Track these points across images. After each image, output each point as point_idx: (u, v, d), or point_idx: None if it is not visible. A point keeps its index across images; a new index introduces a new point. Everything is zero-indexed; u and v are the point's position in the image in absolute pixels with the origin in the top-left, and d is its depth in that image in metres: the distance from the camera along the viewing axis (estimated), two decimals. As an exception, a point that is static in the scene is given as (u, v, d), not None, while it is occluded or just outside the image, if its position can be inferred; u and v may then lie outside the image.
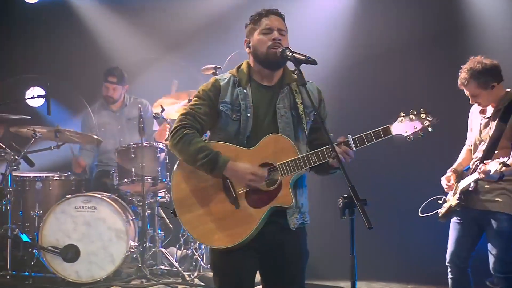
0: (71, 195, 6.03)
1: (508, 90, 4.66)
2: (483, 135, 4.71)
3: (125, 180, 6.33)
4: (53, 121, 6.84)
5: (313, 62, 3.29)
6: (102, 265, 5.88)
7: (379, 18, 7.42)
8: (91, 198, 6.01)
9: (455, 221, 4.78)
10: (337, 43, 7.47)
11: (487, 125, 4.70)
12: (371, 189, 7.48)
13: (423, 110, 3.44)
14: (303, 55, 3.30)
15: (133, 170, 6.27)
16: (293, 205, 3.34)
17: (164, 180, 6.39)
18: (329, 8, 7.68)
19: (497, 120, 4.61)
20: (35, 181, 6.38)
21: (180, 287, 5.77)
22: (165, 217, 6.25)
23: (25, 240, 6.10)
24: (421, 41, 7.24)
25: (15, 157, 6.21)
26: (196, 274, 6.00)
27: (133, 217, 6.20)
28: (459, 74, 4.69)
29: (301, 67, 3.30)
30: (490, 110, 4.71)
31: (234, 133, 3.36)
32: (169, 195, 6.49)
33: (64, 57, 7.88)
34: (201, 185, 3.32)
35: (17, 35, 7.94)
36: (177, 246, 6.47)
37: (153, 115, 6.42)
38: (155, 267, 6.27)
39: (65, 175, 6.59)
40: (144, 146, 6.25)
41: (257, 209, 3.29)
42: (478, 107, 4.83)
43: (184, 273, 6.06)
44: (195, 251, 6.16)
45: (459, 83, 4.69)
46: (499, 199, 4.55)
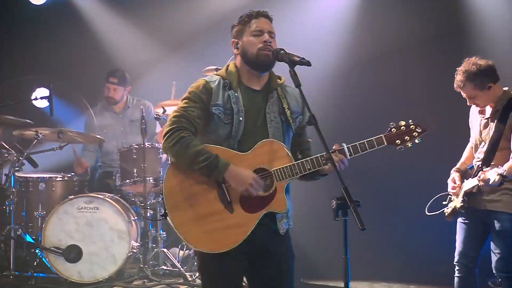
0: (73, 196, 6.07)
1: (505, 89, 4.65)
2: (483, 135, 4.72)
3: (127, 181, 6.37)
4: (60, 120, 6.90)
5: (308, 63, 3.30)
6: (104, 266, 5.91)
7: (381, 19, 7.43)
8: (93, 198, 6.03)
9: (461, 221, 4.79)
10: (338, 44, 7.48)
11: (486, 126, 4.71)
12: (374, 189, 7.52)
13: (411, 121, 3.50)
14: (298, 56, 3.31)
15: (135, 171, 6.32)
16: (287, 211, 3.40)
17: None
18: (331, 9, 7.69)
19: (496, 121, 4.60)
20: (38, 182, 6.41)
21: (181, 287, 5.78)
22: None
23: (28, 240, 6.14)
24: (422, 41, 7.24)
25: (19, 158, 6.26)
26: (198, 274, 6.02)
27: (135, 218, 6.23)
28: (455, 76, 4.69)
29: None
30: (489, 110, 4.71)
31: (225, 136, 3.35)
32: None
33: (67, 58, 7.93)
34: (195, 189, 3.29)
35: (21, 36, 7.99)
36: (179, 246, 6.48)
37: (155, 117, 6.45)
38: (157, 267, 6.28)
39: (69, 176, 6.62)
40: (146, 147, 6.29)
41: (251, 214, 3.30)
42: (477, 108, 4.83)
43: (186, 273, 6.07)
44: (197, 252, 6.17)
45: (455, 86, 4.69)
46: (502, 198, 4.55)
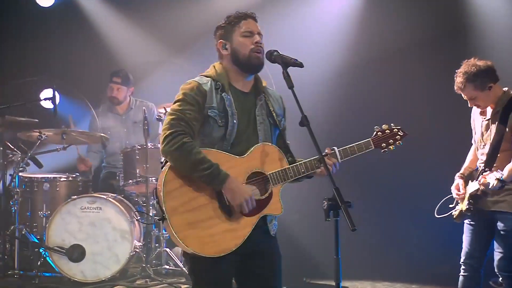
0: (76, 196, 6.11)
1: (505, 89, 4.65)
2: (485, 137, 4.72)
3: (130, 181, 6.42)
4: (66, 121, 6.99)
5: (300, 65, 3.33)
6: (107, 265, 5.96)
7: (383, 20, 7.47)
8: (96, 198, 6.08)
9: (468, 222, 4.80)
10: (340, 45, 7.53)
11: (487, 127, 4.70)
12: (377, 190, 7.55)
13: (394, 125, 3.63)
14: (291, 58, 3.34)
15: (138, 171, 6.37)
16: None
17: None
18: (333, 10, 7.72)
19: (496, 122, 4.60)
20: (42, 182, 6.46)
21: (183, 286, 5.81)
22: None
23: (32, 240, 6.20)
24: (424, 43, 7.27)
25: (23, 158, 6.33)
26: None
27: (138, 218, 6.27)
28: (455, 78, 4.68)
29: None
30: (489, 111, 4.70)
31: (219, 139, 3.36)
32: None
33: (72, 59, 8.00)
34: (193, 193, 3.28)
35: (28, 37, 8.04)
36: (181, 246, 6.51)
37: (157, 118, 6.49)
38: (160, 267, 6.32)
39: (73, 176, 6.67)
40: (148, 148, 6.33)
41: (248, 217, 3.32)
42: (478, 109, 4.82)
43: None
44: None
45: (455, 88, 4.68)
46: (506, 199, 4.56)
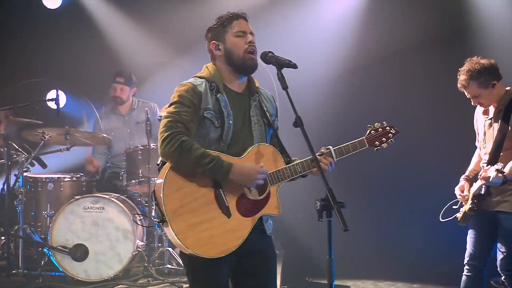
0: (80, 196, 6.16)
1: (507, 88, 4.66)
2: (487, 136, 4.73)
3: (133, 181, 6.47)
4: (73, 122, 7.05)
5: (294, 66, 3.35)
6: (110, 264, 6.01)
7: (385, 22, 7.49)
8: (99, 198, 6.12)
9: (472, 224, 4.81)
10: (342, 46, 7.56)
11: (490, 126, 4.71)
12: (380, 190, 7.58)
13: (385, 123, 3.65)
14: (285, 59, 3.36)
15: (140, 171, 6.41)
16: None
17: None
18: (335, 12, 7.77)
19: (499, 121, 4.61)
20: (47, 182, 6.49)
21: (185, 286, 5.83)
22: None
23: (36, 239, 6.26)
24: (426, 43, 7.30)
25: (27, 158, 6.39)
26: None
27: (141, 217, 6.32)
28: (458, 76, 4.69)
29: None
30: (492, 110, 4.72)
31: (215, 140, 3.37)
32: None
33: (77, 60, 8.07)
34: (193, 195, 3.28)
35: (34, 38, 8.13)
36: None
37: (159, 118, 6.54)
38: (162, 266, 6.36)
39: (78, 176, 6.71)
40: (151, 148, 6.37)
41: (247, 218, 3.34)
42: (481, 109, 4.83)
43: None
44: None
45: (459, 85, 4.69)
46: (509, 199, 4.58)
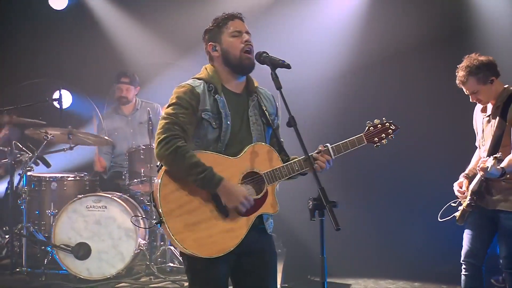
0: (82, 195, 6.21)
1: (506, 86, 4.68)
2: (486, 133, 4.75)
3: (135, 180, 6.52)
4: (83, 119, 7.20)
5: (288, 66, 3.36)
6: (112, 263, 6.06)
7: (386, 22, 7.52)
8: (101, 197, 6.17)
9: (469, 221, 4.81)
10: (344, 46, 7.59)
11: (488, 123, 4.73)
12: (381, 189, 7.59)
13: (385, 119, 3.61)
14: (279, 59, 3.37)
15: (142, 171, 6.46)
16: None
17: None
18: (337, 12, 7.80)
19: (497, 118, 4.63)
20: (50, 181, 6.55)
21: (186, 284, 5.87)
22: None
23: (39, 238, 6.32)
24: (428, 43, 7.31)
25: (31, 158, 6.45)
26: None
27: (144, 216, 6.37)
28: (456, 73, 4.71)
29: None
30: (490, 107, 4.73)
31: (213, 140, 3.38)
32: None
33: (81, 60, 8.13)
34: (190, 195, 3.30)
35: (39, 39, 8.20)
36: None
37: (159, 118, 6.58)
38: (164, 264, 6.40)
39: (81, 175, 6.77)
40: (152, 148, 6.40)
41: (245, 217, 3.34)
42: (479, 108, 4.86)
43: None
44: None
45: (457, 81, 4.71)
46: (509, 198, 4.59)
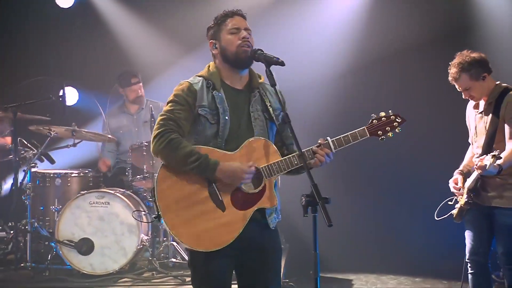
0: (86, 191, 6.29)
1: (497, 82, 4.70)
2: (479, 129, 4.76)
3: (138, 176, 6.58)
4: (89, 116, 7.33)
5: (282, 63, 3.37)
6: (115, 258, 6.14)
7: (388, 20, 7.54)
8: (104, 194, 6.24)
9: (468, 219, 4.83)
10: (346, 44, 7.63)
11: (481, 120, 4.75)
12: (382, 185, 7.62)
13: (391, 112, 3.54)
14: (273, 56, 3.38)
15: (145, 167, 6.52)
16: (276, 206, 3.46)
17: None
18: (340, 10, 7.83)
19: (490, 114, 4.65)
20: (54, 178, 6.62)
21: (187, 279, 5.92)
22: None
23: (43, 234, 6.39)
24: (429, 42, 7.32)
25: (34, 154, 6.53)
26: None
27: (146, 212, 6.42)
28: (449, 70, 4.73)
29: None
30: (482, 104, 4.75)
31: (212, 136, 3.41)
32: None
33: (86, 58, 8.20)
34: (186, 190, 3.35)
35: (45, 37, 8.28)
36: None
37: (159, 116, 6.64)
38: (167, 260, 6.45)
39: (86, 171, 6.84)
40: (155, 144, 6.46)
41: (242, 211, 3.35)
42: (471, 105, 4.88)
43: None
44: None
45: (450, 78, 4.73)
46: (505, 195, 4.60)
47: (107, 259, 6.14)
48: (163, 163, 3.40)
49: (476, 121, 4.81)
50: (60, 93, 6.70)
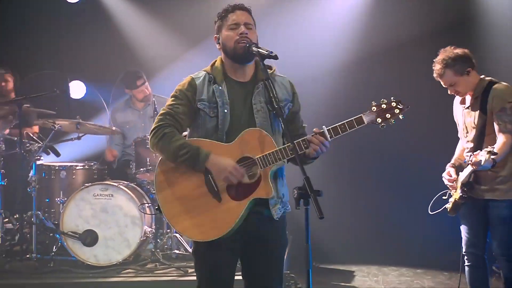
0: (90, 184, 6.36)
1: (482, 76, 4.75)
2: (467, 124, 4.82)
3: (141, 169, 6.64)
4: (99, 109, 7.46)
5: (275, 57, 3.39)
6: (118, 250, 6.21)
7: (390, 13, 7.57)
8: (108, 186, 6.31)
9: (463, 212, 4.88)
10: (347, 38, 7.66)
11: (469, 115, 4.81)
12: (384, 178, 7.65)
13: (393, 98, 3.44)
14: (266, 50, 3.40)
15: (148, 160, 6.58)
16: (274, 196, 3.43)
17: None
18: (343, 3, 7.84)
19: (477, 108, 4.71)
20: (60, 170, 6.70)
21: (190, 270, 5.99)
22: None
23: (48, 225, 6.48)
24: (431, 35, 7.30)
25: (40, 147, 6.61)
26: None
27: (150, 204, 6.49)
28: (433, 67, 4.79)
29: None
30: (468, 99, 4.81)
31: (212, 129, 3.47)
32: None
33: (91, 52, 8.26)
34: (183, 182, 3.44)
35: (48, 30, 8.36)
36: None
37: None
38: (170, 251, 6.51)
39: (91, 164, 6.92)
40: (158, 137, 6.52)
41: (238, 201, 3.39)
42: (458, 100, 4.94)
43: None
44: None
45: (435, 75, 4.79)
46: (498, 187, 4.66)
47: (111, 251, 6.22)
48: (161, 157, 3.51)
49: (463, 116, 4.87)
50: (71, 87, 6.76)
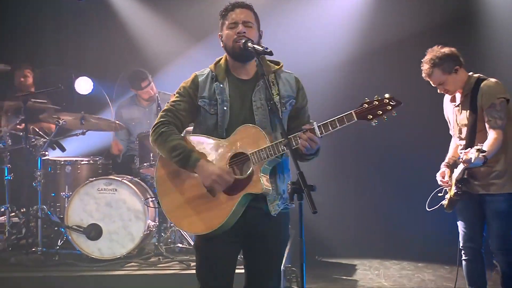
0: (94, 178, 6.44)
1: (470, 73, 4.80)
2: (459, 121, 4.87)
3: (145, 164, 6.72)
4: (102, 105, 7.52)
5: (270, 53, 3.45)
6: (122, 243, 6.28)
7: (392, 10, 7.60)
8: (112, 181, 6.38)
9: (459, 208, 4.94)
10: (349, 34, 7.73)
11: (459, 112, 4.86)
12: (386, 173, 7.69)
13: (387, 95, 3.37)
14: (262, 47, 3.45)
15: (151, 155, 6.65)
16: (267, 192, 3.44)
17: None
18: (341, 5, 7.90)
19: (468, 105, 4.75)
20: (65, 165, 6.79)
21: (193, 264, 6.02)
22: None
23: (53, 219, 6.57)
24: (432, 31, 7.33)
25: (45, 142, 6.69)
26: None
27: (153, 199, 6.56)
28: (421, 67, 4.84)
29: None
30: (458, 97, 4.85)
31: (212, 126, 3.54)
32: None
33: (96, 48, 8.36)
34: (180, 177, 3.54)
35: (55, 28, 8.45)
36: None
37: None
38: (173, 245, 6.60)
39: (96, 159, 7.00)
40: (161, 132, 6.58)
41: (231, 196, 3.44)
42: (448, 98, 4.99)
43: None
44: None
45: (423, 75, 4.84)
46: (494, 182, 4.71)
47: (115, 244, 6.29)
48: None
49: (454, 114, 4.92)
50: (76, 83, 6.82)
